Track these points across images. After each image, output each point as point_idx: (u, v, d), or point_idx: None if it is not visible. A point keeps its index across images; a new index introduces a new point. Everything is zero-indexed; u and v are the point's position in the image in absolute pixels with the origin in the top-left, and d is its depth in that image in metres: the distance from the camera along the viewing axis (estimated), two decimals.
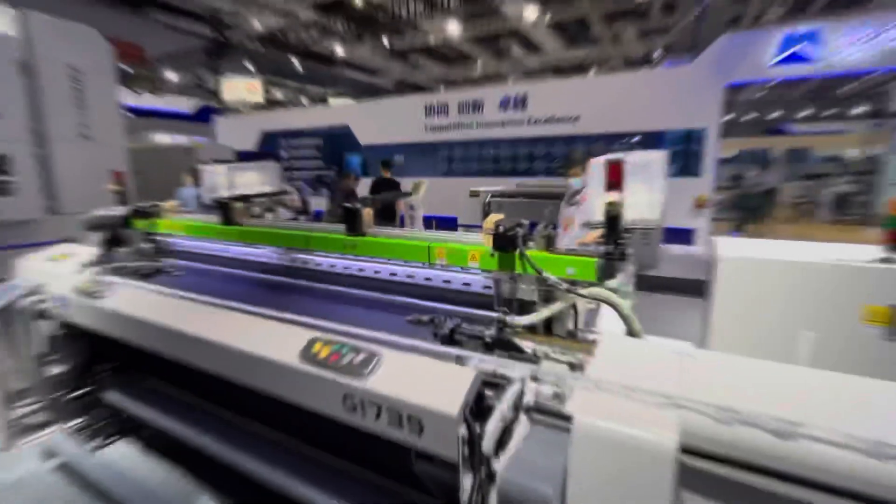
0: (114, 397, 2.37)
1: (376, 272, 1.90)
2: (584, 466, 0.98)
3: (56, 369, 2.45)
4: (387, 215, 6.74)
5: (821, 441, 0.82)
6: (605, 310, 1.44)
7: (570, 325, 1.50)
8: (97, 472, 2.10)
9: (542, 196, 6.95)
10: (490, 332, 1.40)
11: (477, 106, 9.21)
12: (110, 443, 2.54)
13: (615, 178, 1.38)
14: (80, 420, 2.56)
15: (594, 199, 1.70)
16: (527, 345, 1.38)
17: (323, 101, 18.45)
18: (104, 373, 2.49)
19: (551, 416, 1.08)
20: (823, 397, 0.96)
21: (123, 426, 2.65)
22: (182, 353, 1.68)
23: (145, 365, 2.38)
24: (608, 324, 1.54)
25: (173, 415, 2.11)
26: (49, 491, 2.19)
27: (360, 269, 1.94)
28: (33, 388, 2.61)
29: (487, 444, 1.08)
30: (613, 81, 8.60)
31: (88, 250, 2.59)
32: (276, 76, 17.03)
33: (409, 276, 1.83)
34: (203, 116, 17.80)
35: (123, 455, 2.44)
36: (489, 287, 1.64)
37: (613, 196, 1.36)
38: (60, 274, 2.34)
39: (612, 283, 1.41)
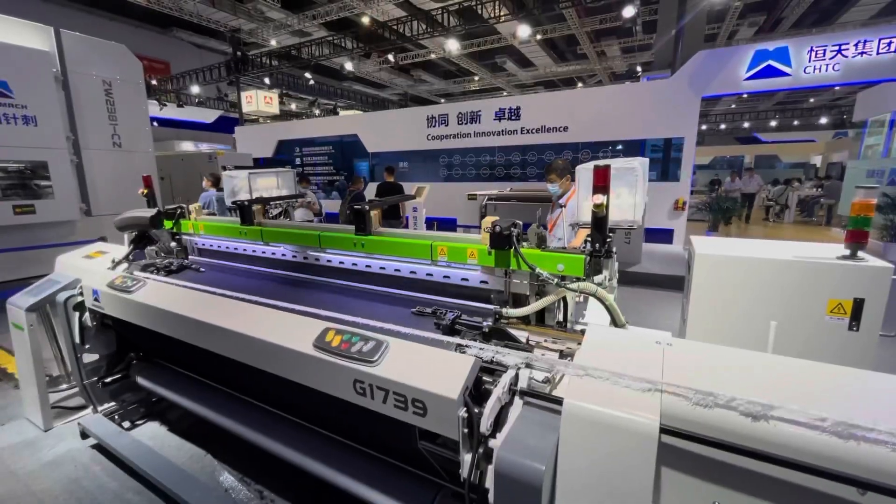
0: (142, 383, 2.38)
1: (382, 268, 1.90)
2: (574, 446, 0.97)
3: (90, 357, 2.45)
4: (392, 216, 6.73)
5: (791, 422, 0.82)
6: (593, 302, 1.44)
7: (561, 317, 1.50)
8: (128, 451, 2.11)
9: (534, 199, 6.95)
10: (487, 323, 1.40)
11: (474, 117, 9.20)
12: (139, 425, 2.55)
13: (601, 183, 1.37)
14: (112, 404, 2.57)
15: (582, 202, 1.69)
16: (521, 334, 1.38)
17: (334, 112, 18.41)
18: (133, 361, 2.50)
19: (543, 399, 1.08)
20: (793, 382, 0.96)
21: (151, 409, 2.66)
22: (205, 343, 1.68)
23: (170, 354, 2.38)
24: (595, 315, 1.54)
25: (196, 398, 2.12)
26: (84, 468, 2.20)
27: (368, 266, 1.94)
28: (70, 375, 2.61)
29: (485, 425, 1.08)
30: (599, 94, 8.57)
31: (120, 248, 2.59)
32: (291, 89, 16.99)
33: (412, 272, 1.82)
34: (221, 126, 17.78)
35: (151, 436, 2.44)
36: (486, 282, 1.64)
37: (600, 199, 1.35)
38: (95, 270, 2.34)
39: (598, 278, 1.40)
